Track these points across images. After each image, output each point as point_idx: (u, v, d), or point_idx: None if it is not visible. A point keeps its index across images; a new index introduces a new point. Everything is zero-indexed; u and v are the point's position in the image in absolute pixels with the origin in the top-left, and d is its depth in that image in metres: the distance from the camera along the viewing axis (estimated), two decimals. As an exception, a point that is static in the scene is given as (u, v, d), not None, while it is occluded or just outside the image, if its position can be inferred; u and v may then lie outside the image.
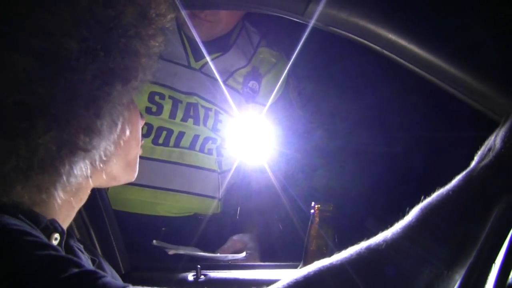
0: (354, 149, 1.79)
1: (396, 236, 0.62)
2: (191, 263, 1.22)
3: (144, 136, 1.49)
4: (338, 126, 1.82)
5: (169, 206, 1.57)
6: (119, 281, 0.77)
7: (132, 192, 1.51)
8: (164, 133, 1.53)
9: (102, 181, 0.79)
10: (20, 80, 0.58)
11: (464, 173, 0.65)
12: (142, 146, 0.86)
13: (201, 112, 1.57)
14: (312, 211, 1.15)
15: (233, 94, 1.62)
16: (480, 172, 0.63)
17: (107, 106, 0.65)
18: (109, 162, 0.75)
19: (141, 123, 0.84)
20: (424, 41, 0.85)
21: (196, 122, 1.56)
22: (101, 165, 0.70)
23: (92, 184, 0.77)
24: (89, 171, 0.68)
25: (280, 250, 1.66)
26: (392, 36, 0.86)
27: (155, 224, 1.54)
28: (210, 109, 1.59)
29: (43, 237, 0.63)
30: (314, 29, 1.14)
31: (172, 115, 1.53)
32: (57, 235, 0.70)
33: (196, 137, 1.58)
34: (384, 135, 1.79)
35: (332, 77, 1.80)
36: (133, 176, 0.84)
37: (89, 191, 0.79)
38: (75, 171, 0.65)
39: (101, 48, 0.62)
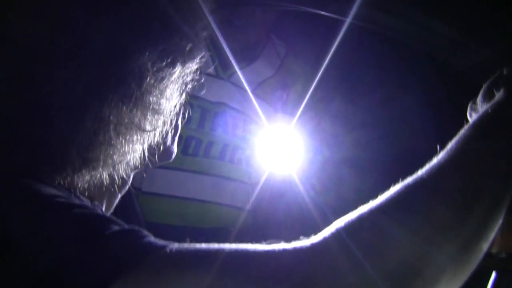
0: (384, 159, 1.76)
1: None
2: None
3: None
4: (368, 137, 1.79)
5: (199, 217, 1.55)
6: None
7: (162, 202, 1.50)
8: (193, 143, 1.52)
9: None
10: (92, 60, 0.61)
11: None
12: None
13: (230, 121, 1.56)
14: None
15: (262, 104, 1.62)
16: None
17: (171, 87, 0.68)
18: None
19: None
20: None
21: (225, 131, 1.56)
22: (161, 147, 0.73)
23: None
24: (146, 151, 0.70)
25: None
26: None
27: (184, 235, 1.51)
28: (239, 119, 1.58)
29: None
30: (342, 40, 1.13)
31: (201, 124, 1.52)
32: None
33: (226, 146, 1.57)
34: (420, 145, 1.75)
35: (361, 87, 1.77)
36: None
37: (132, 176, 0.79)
38: (136, 151, 0.68)
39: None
